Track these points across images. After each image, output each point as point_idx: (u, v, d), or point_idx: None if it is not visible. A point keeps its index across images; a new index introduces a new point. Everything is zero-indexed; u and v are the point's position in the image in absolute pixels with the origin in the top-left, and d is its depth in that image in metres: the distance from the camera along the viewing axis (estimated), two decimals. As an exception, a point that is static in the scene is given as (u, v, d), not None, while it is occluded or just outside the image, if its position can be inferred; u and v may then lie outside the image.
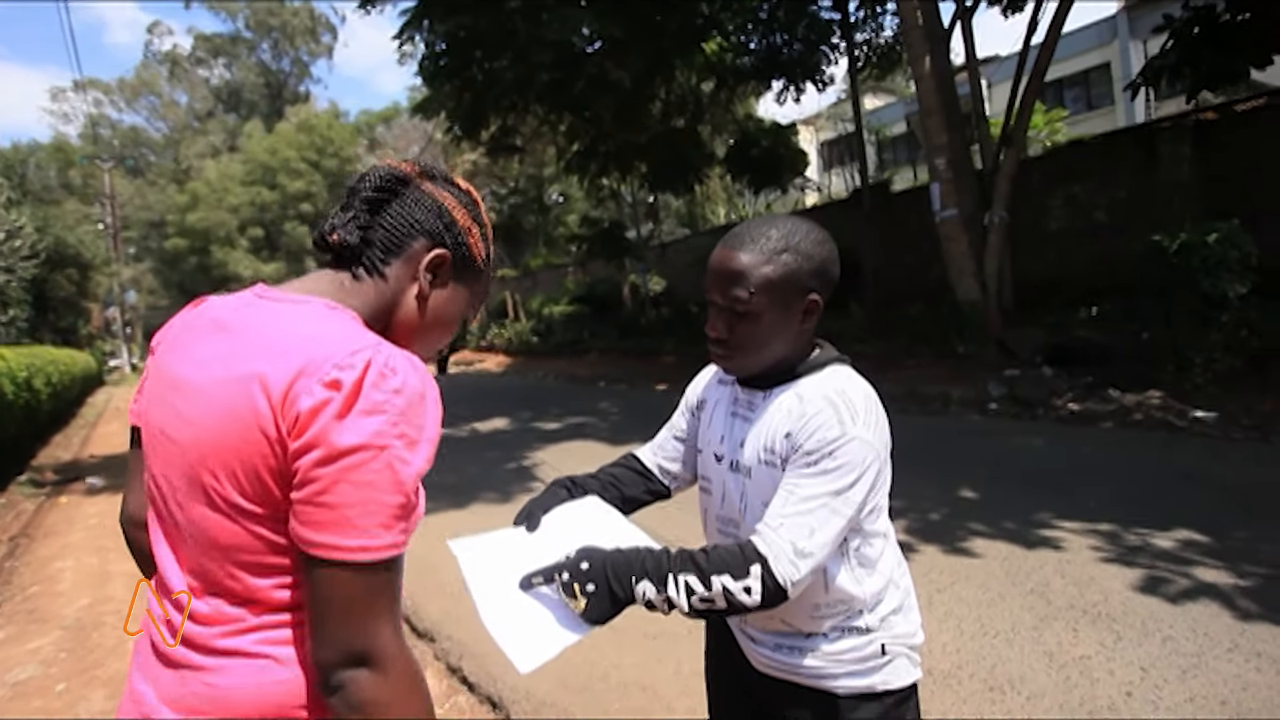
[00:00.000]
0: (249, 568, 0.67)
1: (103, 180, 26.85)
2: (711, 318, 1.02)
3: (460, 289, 0.82)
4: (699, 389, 1.21)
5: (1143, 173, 8.72)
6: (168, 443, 0.69)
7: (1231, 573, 2.67)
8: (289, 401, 0.62)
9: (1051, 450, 4.90)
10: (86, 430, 10.62)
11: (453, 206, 0.80)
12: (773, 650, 1.06)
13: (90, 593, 3.77)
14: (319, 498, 0.61)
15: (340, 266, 0.76)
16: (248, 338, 0.68)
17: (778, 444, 0.99)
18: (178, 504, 0.69)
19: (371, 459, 0.61)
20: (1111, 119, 16.00)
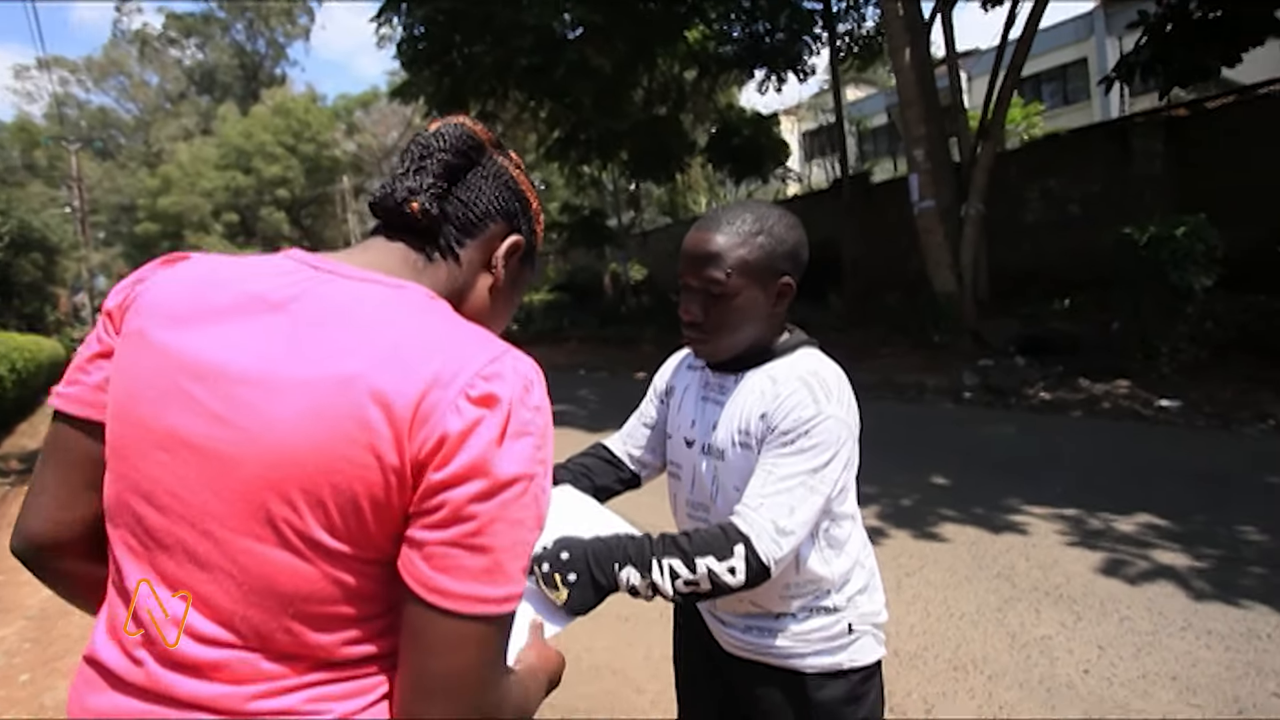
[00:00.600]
0: (314, 620, 0.53)
1: (70, 162, 26.09)
2: (686, 301, 1.02)
3: (520, 280, 0.73)
4: (667, 375, 1.21)
5: (1116, 167, 8.87)
6: (191, 453, 0.53)
7: (1188, 555, 2.76)
8: (422, 420, 0.50)
9: (1022, 438, 5.00)
10: (54, 418, 10.39)
11: (526, 186, 0.71)
12: (742, 632, 1.07)
13: (56, 582, 3.70)
14: (472, 539, 0.50)
15: (407, 240, 0.63)
16: (334, 327, 0.54)
17: (752, 425, 1.00)
18: (208, 535, 0.53)
19: (524, 492, 0.52)
20: (1088, 113, 16.24)
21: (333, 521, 0.51)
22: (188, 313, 0.57)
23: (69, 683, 2.07)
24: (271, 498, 0.51)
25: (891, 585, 2.72)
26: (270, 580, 0.52)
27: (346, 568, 0.52)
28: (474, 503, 0.50)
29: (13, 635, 3.09)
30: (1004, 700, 1.92)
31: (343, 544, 0.51)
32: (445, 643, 0.50)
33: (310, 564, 0.52)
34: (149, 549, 0.55)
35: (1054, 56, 17.61)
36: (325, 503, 0.50)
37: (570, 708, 2.14)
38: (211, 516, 0.53)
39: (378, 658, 0.57)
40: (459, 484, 0.50)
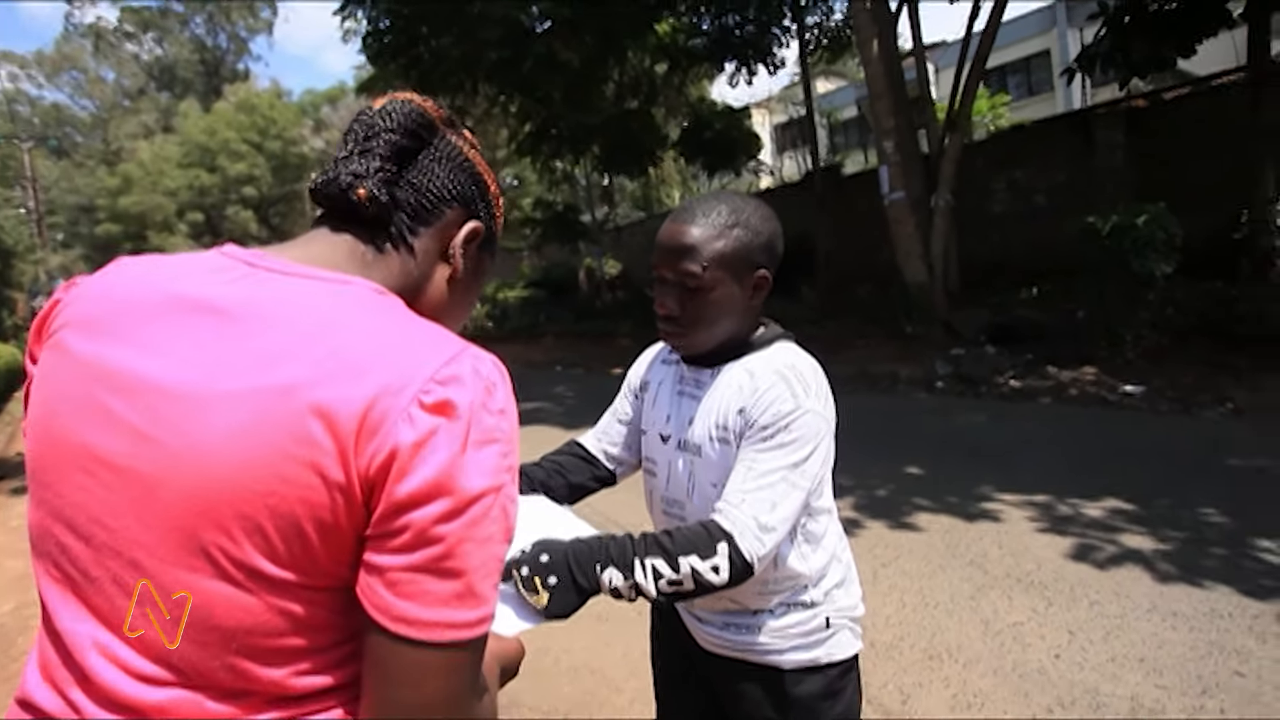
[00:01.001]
0: (260, 654, 0.48)
1: (23, 161, 25.18)
2: (661, 294, 1.00)
3: (481, 269, 0.67)
4: (641, 370, 1.19)
5: (1080, 157, 9.05)
6: (113, 474, 0.48)
7: (1154, 538, 2.83)
8: (370, 432, 0.45)
9: (993, 426, 5.08)
10: (13, 427, 10.04)
11: (482, 167, 0.65)
12: (720, 629, 1.07)
13: (14, 597, 3.57)
14: (440, 563, 0.45)
15: (354, 231, 0.58)
16: (269, 331, 0.48)
17: (730, 420, 0.99)
18: (136, 566, 0.48)
19: (492, 505, 0.47)
20: (1051, 104, 16.55)
21: (274, 547, 0.45)
22: (110, 319, 0.51)
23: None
24: (202, 523, 0.46)
25: (867, 576, 2.74)
26: (208, 614, 0.47)
27: (294, 597, 0.47)
28: (439, 523, 0.45)
29: (-34, 656, 2.98)
30: (978, 688, 1.95)
31: (287, 571, 0.46)
32: (416, 673, 0.46)
33: (252, 595, 0.46)
34: (76, 582, 0.50)
35: (1018, 48, 17.91)
36: (264, 527, 0.45)
37: (549, 708, 2.13)
38: (138, 545, 0.47)
39: (335, 689, 0.52)
40: (422, 504, 0.45)
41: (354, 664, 0.51)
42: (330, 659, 0.51)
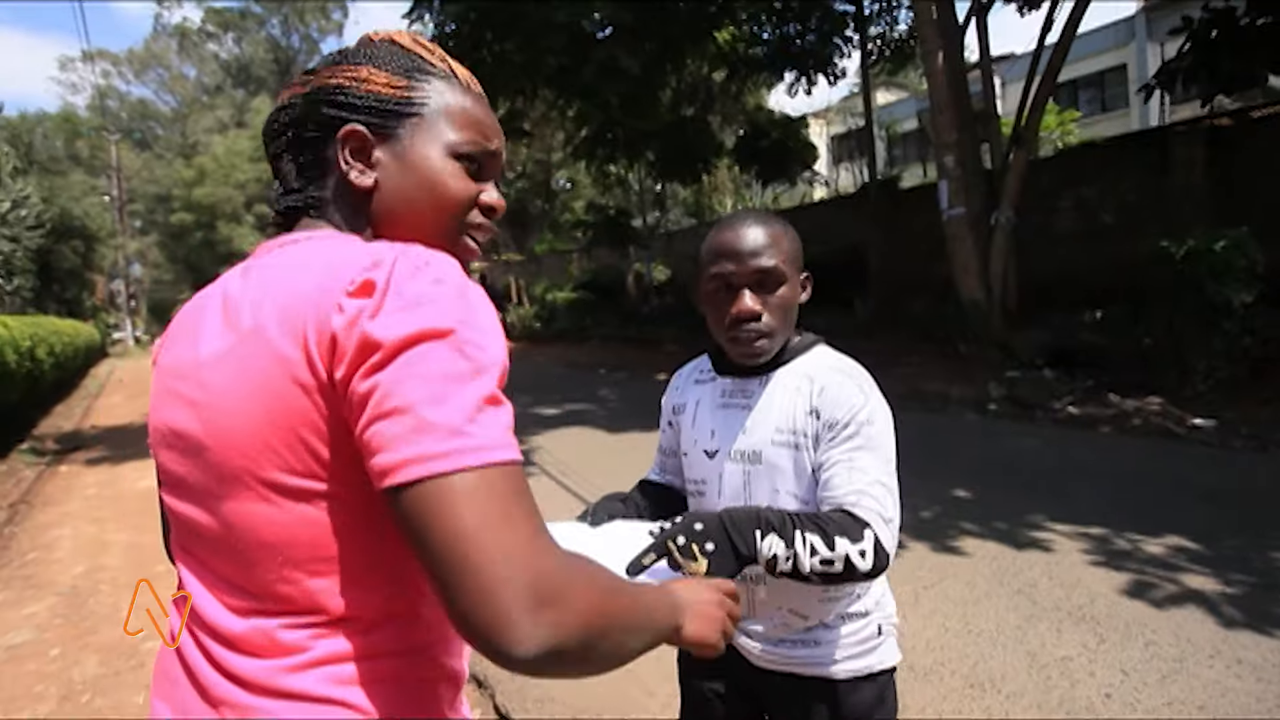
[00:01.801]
0: (307, 565, 0.53)
1: (109, 152, 26.80)
2: (732, 298, 1.00)
3: (417, 140, 0.64)
4: (673, 396, 1.19)
5: (1154, 176, 8.65)
6: (186, 441, 0.57)
7: (1219, 580, 2.68)
8: (317, 332, 0.51)
9: (1047, 452, 4.90)
10: (88, 401, 10.70)
11: (336, 76, 0.64)
12: (775, 645, 1.06)
13: (86, 560, 3.81)
14: (383, 407, 0.47)
15: (300, 216, 0.66)
16: (252, 294, 0.57)
17: (799, 422, 1.00)
18: (209, 510, 0.56)
19: (435, 347, 0.49)
20: (1125, 122, 15.87)
21: (289, 461, 0.52)
22: (178, 332, 0.64)
23: (99, 658, 2.11)
24: (234, 456, 0.54)
25: (909, 599, 2.68)
26: (257, 535, 0.54)
27: (319, 503, 0.53)
28: (371, 374, 0.48)
29: (44, 611, 3.19)
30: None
31: (307, 480, 0.52)
32: (420, 523, 0.46)
33: (280, 508, 0.53)
34: (185, 538, 0.61)
35: (1092, 62, 17.24)
36: (275, 446, 0.52)
37: (583, 707, 2.15)
38: (209, 493, 0.56)
39: (388, 619, 0.55)
40: (354, 371, 0.49)
41: (400, 593, 0.56)
42: (372, 581, 0.55)
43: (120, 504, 4.79)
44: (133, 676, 2.52)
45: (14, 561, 3.86)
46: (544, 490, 4.63)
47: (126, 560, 3.75)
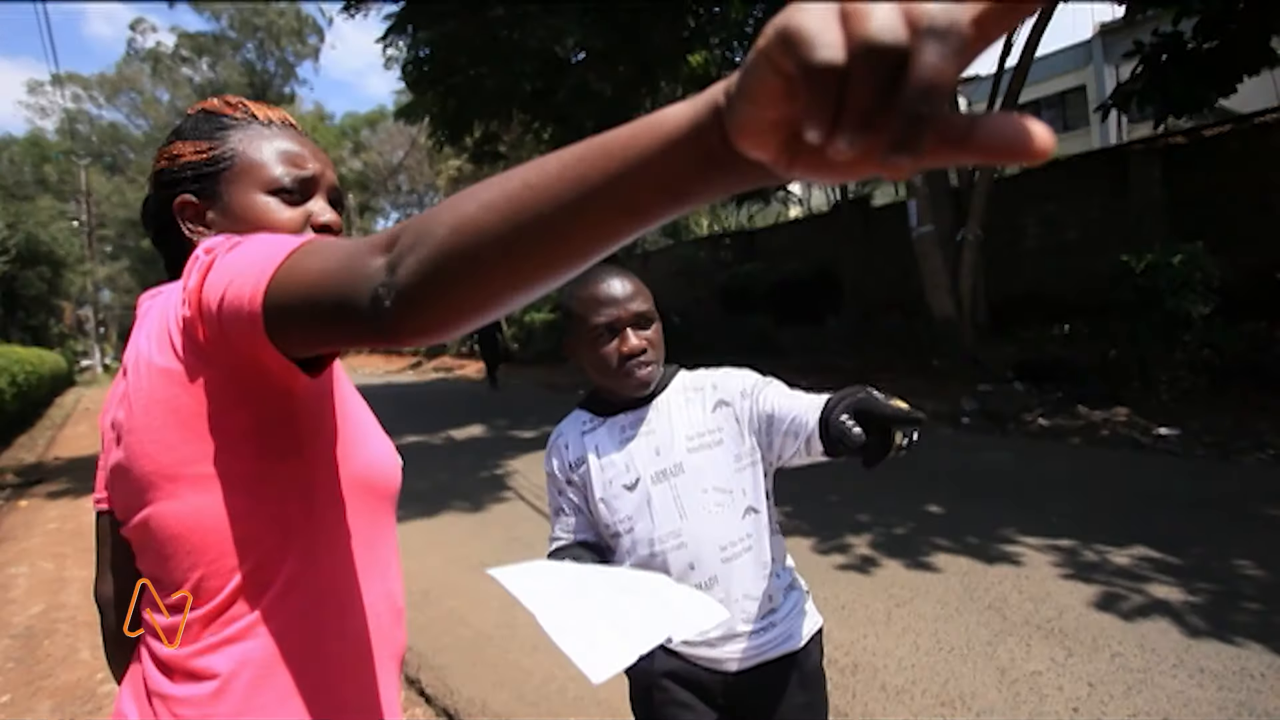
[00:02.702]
0: (204, 551, 0.62)
1: (79, 177, 26.37)
2: (620, 338, 1.11)
3: (235, 191, 0.72)
4: (565, 455, 1.21)
5: (1115, 194, 8.92)
6: (113, 473, 0.67)
7: (1183, 589, 2.73)
8: (173, 325, 0.61)
9: (1019, 465, 4.97)
10: (53, 432, 10.40)
11: (159, 160, 0.75)
12: (745, 641, 1.11)
13: (44, 599, 3.68)
14: (213, 287, 0.55)
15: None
16: (134, 344, 0.68)
17: (708, 423, 1.13)
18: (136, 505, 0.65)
19: (208, 252, 0.57)
20: (1087, 140, 16.38)
21: (180, 453, 0.62)
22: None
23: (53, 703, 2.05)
24: (145, 464, 0.64)
25: (881, 617, 2.69)
26: (167, 531, 0.63)
27: (206, 489, 0.62)
28: (188, 295, 0.57)
29: (-6, 654, 3.06)
30: (991, 739, 1.90)
31: (194, 467, 0.62)
32: (293, 296, 0.50)
33: (182, 501, 0.63)
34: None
35: (1053, 84, 17.82)
36: (169, 442, 0.63)
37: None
38: (131, 509, 0.66)
39: (268, 588, 0.63)
40: (182, 313, 0.59)
41: (272, 557, 0.63)
42: (249, 554, 0.62)
43: (82, 538, 4.64)
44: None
45: (-34, 603, 3.72)
46: (519, 514, 4.59)
47: (85, 598, 3.63)
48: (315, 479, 0.67)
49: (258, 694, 0.61)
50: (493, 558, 3.74)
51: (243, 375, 0.58)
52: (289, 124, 0.78)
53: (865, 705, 2.10)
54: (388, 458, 0.77)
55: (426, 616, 3.04)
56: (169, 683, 0.62)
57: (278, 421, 0.62)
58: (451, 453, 6.91)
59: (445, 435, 7.97)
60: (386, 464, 0.76)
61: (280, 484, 0.63)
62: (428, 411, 10.20)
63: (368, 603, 0.71)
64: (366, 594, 0.71)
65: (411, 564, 3.70)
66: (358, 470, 0.71)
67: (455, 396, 12.51)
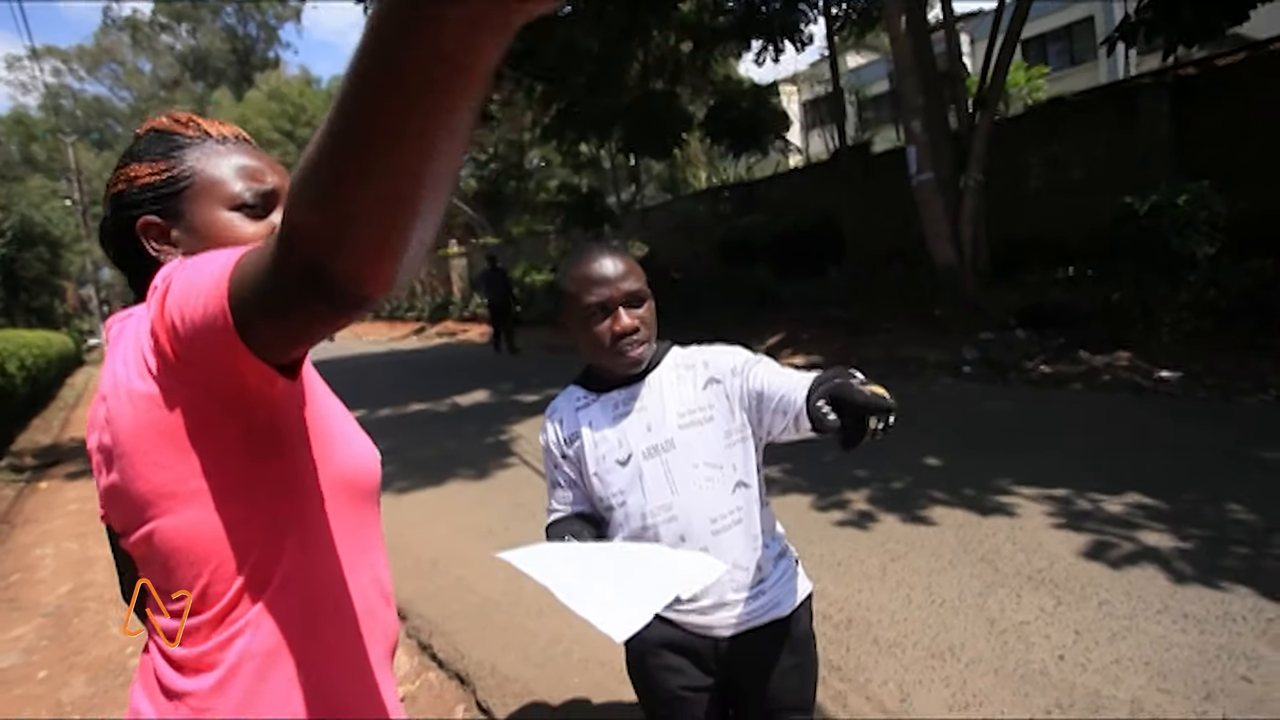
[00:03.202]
0: (204, 561, 0.65)
1: (67, 154, 26.00)
2: (613, 317, 1.13)
3: (197, 209, 0.74)
4: (561, 432, 1.23)
5: (1122, 130, 8.69)
6: (106, 495, 0.71)
7: (1173, 535, 2.78)
8: (145, 347, 0.63)
9: (1019, 414, 5.00)
10: (65, 413, 10.56)
11: (117, 183, 0.76)
12: (736, 609, 1.16)
13: (71, 579, 3.81)
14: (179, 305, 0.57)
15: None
16: (106, 372, 0.69)
17: (700, 399, 1.16)
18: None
19: (183, 268, 0.60)
20: (1094, 75, 15.86)
21: (177, 471, 0.65)
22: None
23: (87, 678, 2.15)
24: (141, 487, 0.67)
25: (876, 572, 2.77)
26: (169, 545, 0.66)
27: (199, 503, 0.66)
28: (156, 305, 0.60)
29: (31, 633, 3.20)
30: (977, 688, 1.97)
31: (189, 482, 0.65)
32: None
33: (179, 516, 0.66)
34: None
35: (1060, 16, 17.16)
36: (163, 462, 0.65)
37: (559, 697, 2.22)
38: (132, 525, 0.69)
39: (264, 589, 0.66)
40: (156, 318, 0.60)
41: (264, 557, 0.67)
42: (245, 558, 0.65)
43: (101, 519, 4.78)
44: (121, 694, 2.55)
45: (-3, 584, 3.86)
46: (523, 480, 4.68)
47: (111, 576, 3.76)
48: (302, 478, 0.70)
49: (261, 684, 0.66)
50: (499, 524, 3.84)
51: (221, 390, 0.60)
52: (243, 139, 0.80)
53: (858, 659, 2.18)
54: (367, 455, 0.80)
55: (435, 584, 3.14)
56: (180, 677, 0.66)
57: (262, 429, 0.65)
58: (456, 419, 7.00)
59: (450, 402, 8.05)
60: (366, 461, 0.79)
61: (271, 487, 0.66)
62: (432, 378, 10.28)
63: (359, 592, 0.75)
64: (357, 584, 0.75)
65: (419, 533, 3.81)
66: (339, 468, 0.74)
67: (459, 361, 12.58)
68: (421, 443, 5.85)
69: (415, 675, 2.51)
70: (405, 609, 2.93)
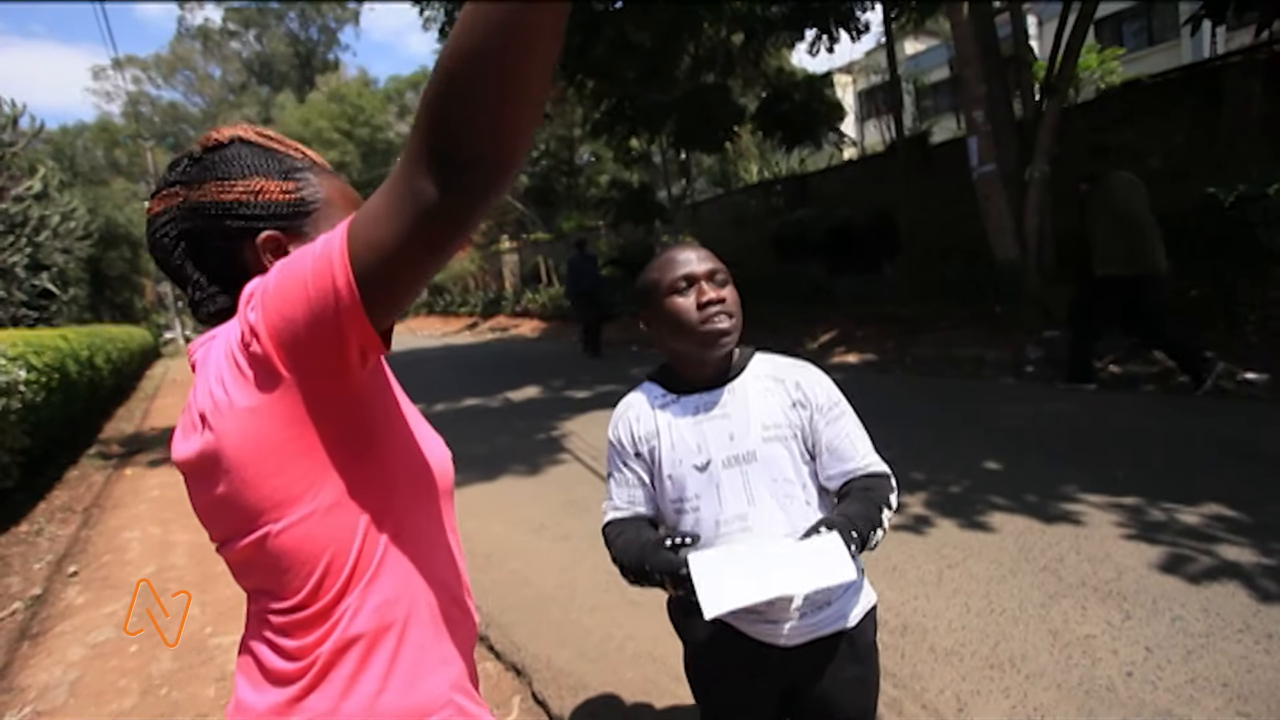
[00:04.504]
0: (309, 566, 0.71)
1: (146, 158, 27.58)
2: (702, 289, 1.13)
3: (321, 229, 0.79)
4: (635, 428, 1.22)
5: (1205, 114, 8.16)
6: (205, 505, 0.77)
7: (1256, 550, 2.63)
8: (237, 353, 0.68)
9: (1086, 417, 4.79)
10: (146, 403, 11.25)
11: (229, 192, 0.77)
12: (800, 618, 1.15)
13: (155, 561, 4.09)
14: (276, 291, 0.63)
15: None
16: (199, 395, 0.74)
17: (786, 416, 1.15)
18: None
19: (268, 276, 0.65)
20: (1176, 55, 14.93)
21: (298, 487, 0.71)
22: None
23: (173, 654, 2.33)
24: (251, 500, 0.73)
25: (933, 578, 2.71)
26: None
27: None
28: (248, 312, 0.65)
29: (122, 610, 3.45)
30: (1039, 702, 1.92)
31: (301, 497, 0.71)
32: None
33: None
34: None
35: (1137, -7, 16.19)
36: (278, 481, 0.72)
37: (612, 691, 2.26)
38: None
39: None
40: (245, 329, 0.65)
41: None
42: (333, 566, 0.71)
43: (181, 505, 5.09)
44: (203, 670, 2.73)
45: (92, 564, 4.17)
46: (575, 476, 4.75)
47: (190, 560, 4.01)
48: (393, 476, 0.75)
49: (361, 671, 0.71)
50: (551, 520, 3.92)
51: (322, 386, 0.66)
52: (326, 163, 0.88)
53: (914, 666, 2.15)
54: (442, 453, 0.85)
55: (490, 578, 3.24)
56: (286, 664, 0.71)
57: (356, 430, 0.71)
58: (508, 415, 7.15)
59: (503, 397, 8.22)
60: (442, 459, 0.85)
61: (367, 486, 0.72)
62: (485, 373, 10.51)
63: (443, 586, 0.80)
64: (442, 579, 0.80)
65: (474, 526, 3.92)
66: (420, 466, 0.79)
67: (511, 357, 12.82)
68: (476, 438, 6.01)
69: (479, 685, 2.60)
70: (463, 599, 3.03)
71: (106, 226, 17.31)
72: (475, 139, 0.52)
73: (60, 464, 6.55)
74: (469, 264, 25.95)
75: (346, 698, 0.71)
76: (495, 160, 0.53)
